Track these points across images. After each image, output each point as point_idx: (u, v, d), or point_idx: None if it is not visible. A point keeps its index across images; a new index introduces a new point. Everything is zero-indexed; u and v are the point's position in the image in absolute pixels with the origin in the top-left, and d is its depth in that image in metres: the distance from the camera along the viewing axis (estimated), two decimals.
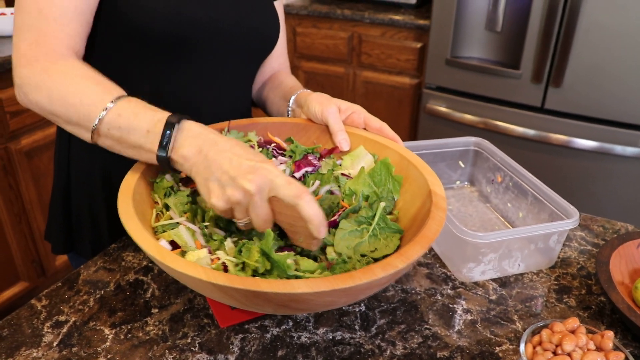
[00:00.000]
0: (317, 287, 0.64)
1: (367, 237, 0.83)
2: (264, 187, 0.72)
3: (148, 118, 0.79)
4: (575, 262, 0.99)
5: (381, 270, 0.67)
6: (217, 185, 0.73)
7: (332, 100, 1.01)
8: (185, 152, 0.77)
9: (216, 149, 0.75)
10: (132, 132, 0.80)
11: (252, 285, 0.64)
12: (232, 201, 0.73)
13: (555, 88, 2.38)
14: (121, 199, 0.78)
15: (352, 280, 0.65)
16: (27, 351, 0.76)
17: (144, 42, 0.95)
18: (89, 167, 1.07)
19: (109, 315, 0.83)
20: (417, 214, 0.85)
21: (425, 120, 2.76)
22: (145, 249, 0.69)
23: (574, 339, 0.65)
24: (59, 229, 1.14)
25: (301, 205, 0.72)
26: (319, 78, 3.19)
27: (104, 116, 0.80)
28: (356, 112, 1.01)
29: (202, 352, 0.77)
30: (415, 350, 0.78)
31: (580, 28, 2.23)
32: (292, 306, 0.69)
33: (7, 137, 2.10)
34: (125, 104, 0.81)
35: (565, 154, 2.47)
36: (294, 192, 0.72)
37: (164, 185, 0.87)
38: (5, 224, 2.19)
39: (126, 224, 0.73)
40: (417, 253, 0.70)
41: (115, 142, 0.82)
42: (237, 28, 1.03)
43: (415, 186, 0.90)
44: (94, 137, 0.83)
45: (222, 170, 0.73)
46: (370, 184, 0.93)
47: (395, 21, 2.83)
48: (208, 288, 0.68)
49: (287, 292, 0.64)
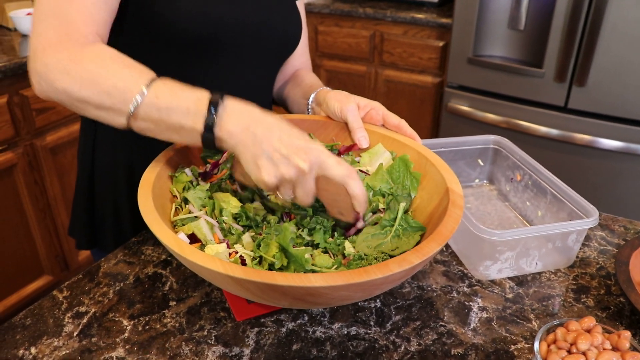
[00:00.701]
0: (332, 281, 0.65)
1: (389, 238, 0.84)
2: (315, 164, 0.74)
3: (188, 97, 0.78)
4: (595, 262, 0.98)
5: (396, 266, 0.67)
6: (269, 162, 0.74)
7: (350, 97, 1.01)
8: (232, 129, 0.76)
9: (264, 126, 0.76)
10: (172, 112, 0.78)
11: (268, 278, 0.65)
12: (284, 178, 0.74)
13: (579, 87, 2.35)
14: (141, 192, 0.79)
15: (368, 275, 0.66)
16: (49, 340, 0.78)
17: (170, 39, 0.96)
18: (112, 163, 1.08)
19: (127, 307, 0.84)
20: (434, 211, 0.86)
21: (447, 119, 2.75)
22: (164, 242, 0.70)
23: (589, 338, 0.65)
24: (82, 224, 1.16)
25: (350, 184, 0.76)
26: (341, 77, 3.19)
27: (140, 98, 0.78)
28: (375, 109, 1.01)
29: (218, 344, 0.78)
30: (430, 346, 0.78)
31: (606, 25, 2.20)
32: (308, 300, 0.70)
33: (33, 134, 2.14)
34: (160, 84, 0.79)
35: (590, 154, 2.44)
36: (345, 171, 0.76)
37: (183, 179, 0.88)
38: (30, 219, 2.23)
39: (146, 217, 0.74)
40: (433, 249, 0.71)
41: (153, 124, 0.80)
42: (262, 27, 1.04)
43: (433, 184, 0.90)
44: (130, 121, 0.80)
45: (274, 148, 0.74)
46: (388, 180, 0.93)
47: (418, 19, 2.82)
48: (225, 281, 0.69)
49: (303, 285, 0.64)
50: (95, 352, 0.76)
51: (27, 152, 2.14)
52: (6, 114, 2.01)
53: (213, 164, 0.94)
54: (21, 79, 2.05)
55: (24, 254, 2.25)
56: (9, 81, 2.02)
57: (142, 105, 0.78)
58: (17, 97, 2.05)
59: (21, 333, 0.79)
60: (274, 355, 0.76)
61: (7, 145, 2.06)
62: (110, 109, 0.81)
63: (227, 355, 0.76)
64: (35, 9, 0.86)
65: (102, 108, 0.81)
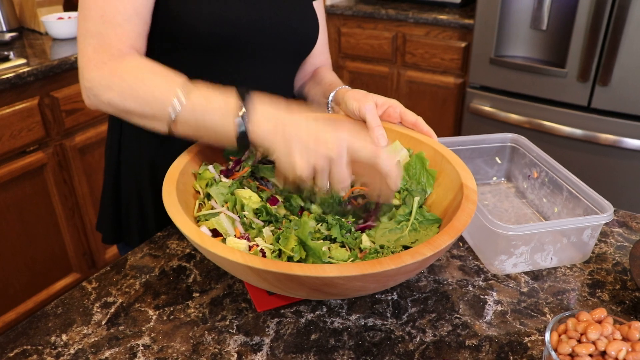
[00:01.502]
0: (347, 271, 0.67)
1: (407, 232, 0.87)
2: (343, 149, 0.78)
3: (219, 99, 0.84)
4: (611, 258, 0.99)
5: (409, 258, 0.70)
6: (299, 155, 0.78)
7: (368, 95, 1.04)
8: (262, 133, 0.81)
9: (292, 125, 0.80)
10: (208, 116, 0.84)
11: (285, 268, 0.68)
12: (316, 166, 0.79)
13: (603, 86, 2.34)
14: (165, 188, 0.83)
15: (381, 266, 0.68)
16: (79, 328, 0.82)
17: (192, 42, 1.00)
18: (137, 159, 1.13)
19: (153, 298, 0.88)
20: (449, 206, 0.88)
21: (470, 119, 2.75)
22: (187, 234, 0.74)
23: (599, 328, 0.66)
24: (109, 219, 1.20)
25: (379, 163, 0.80)
26: (364, 78, 3.21)
27: (179, 107, 0.84)
28: (392, 107, 1.03)
29: (239, 333, 0.81)
30: (445, 337, 0.80)
31: (630, 23, 2.19)
32: (324, 290, 0.72)
33: (63, 135, 2.21)
34: (195, 90, 0.85)
35: (614, 154, 2.43)
36: (372, 152, 0.80)
37: (207, 176, 0.92)
38: (60, 217, 2.30)
39: (170, 211, 0.78)
40: (445, 242, 0.73)
41: (192, 129, 0.86)
42: (279, 28, 1.07)
43: (448, 180, 0.92)
44: (171, 127, 0.87)
45: (303, 143, 0.78)
46: (405, 176, 0.95)
47: (440, 20, 2.83)
48: (245, 271, 0.72)
49: (319, 275, 0.67)
50: (122, 339, 0.80)
51: (57, 152, 2.20)
52: (37, 115, 2.08)
53: (235, 162, 0.97)
54: (52, 82, 2.11)
55: (54, 251, 2.31)
56: (40, 83, 2.08)
57: (180, 112, 0.84)
58: (48, 99, 2.12)
59: (53, 321, 0.83)
60: (293, 345, 0.79)
61: (38, 145, 2.13)
62: (151, 117, 0.87)
63: (248, 344, 0.79)
64: (78, 28, 0.94)
65: (145, 117, 0.88)
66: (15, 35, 2.37)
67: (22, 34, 2.47)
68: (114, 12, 0.91)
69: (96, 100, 0.91)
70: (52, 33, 2.37)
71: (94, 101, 0.91)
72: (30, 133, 2.08)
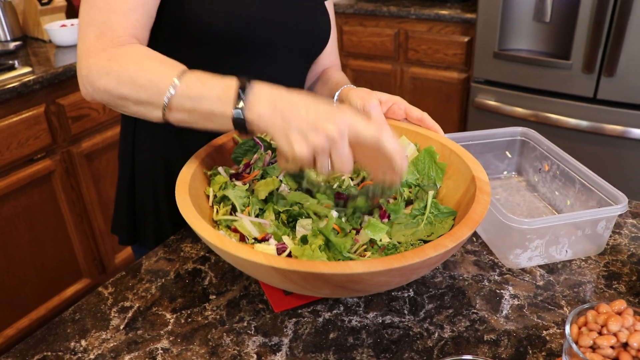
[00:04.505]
0: (372, 267, 0.68)
1: (422, 226, 0.87)
2: (344, 129, 0.74)
3: (217, 84, 0.81)
4: (626, 249, 0.99)
5: (432, 250, 0.70)
6: (299, 135, 0.75)
7: (372, 93, 1.04)
8: (261, 110, 0.78)
9: (291, 103, 0.77)
10: (204, 100, 0.81)
11: (311, 267, 0.68)
12: (315, 147, 0.74)
13: (608, 77, 2.33)
14: (179, 193, 0.82)
15: (405, 260, 0.69)
16: (97, 333, 0.82)
17: (205, 40, 1.00)
18: (151, 159, 1.13)
19: (170, 302, 0.88)
20: (462, 199, 0.88)
21: (475, 114, 2.75)
22: (207, 238, 0.73)
23: (620, 320, 0.66)
24: (124, 221, 1.21)
25: (383, 144, 0.75)
26: (367, 75, 3.21)
27: (173, 90, 0.82)
28: (397, 104, 1.04)
29: (257, 334, 0.81)
30: (463, 333, 0.80)
31: (635, 13, 2.18)
32: (349, 287, 0.72)
33: (69, 141, 2.21)
34: (191, 75, 0.83)
35: (621, 144, 2.42)
36: (375, 131, 0.75)
37: (220, 180, 0.92)
38: (68, 223, 2.31)
39: (186, 216, 0.78)
40: (466, 233, 0.74)
41: (188, 113, 0.83)
42: (292, 28, 1.07)
43: (458, 173, 0.92)
44: (165, 113, 0.84)
45: (301, 119, 0.75)
46: (414, 171, 0.96)
47: (442, 16, 2.83)
48: (269, 273, 0.71)
49: (345, 272, 0.67)
50: (141, 343, 0.80)
51: (64, 159, 2.21)
52: (44, 123, 2.09)
53: (245, 165, 0.97)
54: (57, 89, 2.12)
55: (63, 257, 2.32)
56: (46, 91, 2.09)
57: (175, 96, 0.82)
58: (54, 106, 2.12)
59: (71, 327, 0.84)
60: (312, 344, 0.79)
61: (46, 152, 2.14)
62: (146, 102, 0.85)
63: (266, 344, 0.79)
64: (79, 18, 0.93)
65: (140, 103, 0.86)
66: (20, 44, 2.37)
67: (25, 42, 2.48)
68: (120, 1, 0.90)
69: (91, 88, 0.88)
70: (55, 41, 2.38)
71: (89, 89, 0.89)
72: (38, 141, 2.09)
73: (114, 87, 0.86)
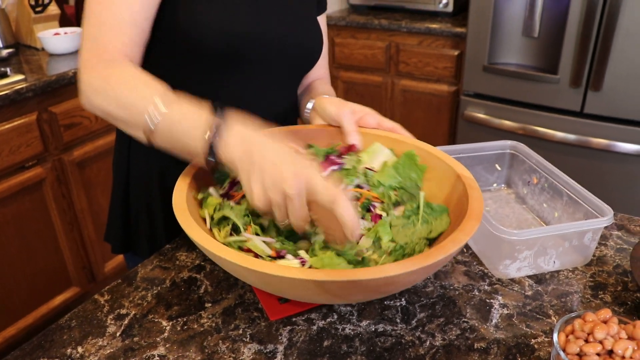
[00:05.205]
0: (407, 267, 0.71)
1: (420, 225, 0.91)
2: (302, 189, 0.76)
3: (194, 121, 0.83)
4: (612, 261, 1.01)
5: (452, 245, 0.76)
6: (260, 187, 0.77)
7: (346, 103, 1.07)
8: (231, 155, 0.80)
9: (260, 151, 0.79)
10: (182, 136, 0.84)
11: (350, 275, 0.70)
12: (272, 201, 0.77)
13: (595, 92, 2.38)
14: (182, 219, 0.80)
15: (433, 258, 0.73)
16: (94, 340, 0.83)
17: (198, 54, 1.02)
18: (146, 169, 1.14)
19: (165, 309, 0.89)
20: (449, 197, 0.93)
21: (464, 127, 2.79)
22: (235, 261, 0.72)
23: (605, 328, 0.68)
24: (118, 229, 1.22)
25: (337, 210, 0.76)
26: (358, 87, 3.24)
27: (153, 115, 0.84)
28: (369, 114, 1.07)
29: (253, 342, 0.82)
30: (454, 341, 0.82)
31: (620, 30, 2.23)
32: (382, 290, 0.77)
33: (61, 149, 2.22)
34: (173, 102, 0.85)
35: (607, 158, 2.46)
36: (331, 197, 0.76)
37: (213, 202, 0.91)
38: (58, 231, 2.30)
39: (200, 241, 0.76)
40: (475, 226, 0.80)
41: (167, 140, 0.86)
42: (284, 43, 1.09)
43: (439, 172, 0.97)
44: (149, 136, 0.87)
45: (265, 174, 0.77)
46: (395, 175, 0.99)
47: (432, 29, 2.87)
48: (305, 286, 0.72)
49: (382, 276, 0.70)
50: (138, 350, 0.81)
51: (56, 167, 2.22)
52: (36, 131, 2.09)
53: (231, 184, 0.96)
54: (49, 97, 2.13)
55: (53, 265, 2.32)
56: (38, 99, 2.10)
57: (156, 126, 0.85)
58: (46, 114, 2.13)
59: (67, 334, 0.85)
60: (307, 351, 0.81)
61: (37, 160, 2.14)
62: (131, 124, 0.89)
63: (262, 352, 0.81)
64: (81, 34, 0.96)
65: (125, 123, 0.90)
66: (12, 52, 2.38)
67: (18, 49, 2.48)
68: (109, 16, 0.93)
69: (88, 103, 0.93)
70: (48, 49, 2.39)
71: (87, 105, 0.93)
72: (29, 148, 2.09)
73: (104, 106, 0.90)
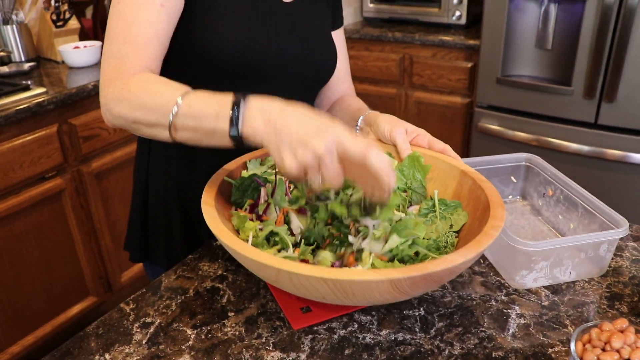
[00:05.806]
0: (467, 255, 0.76)
1: (439, 221, 0.95)
2: (332, 146, 0.76)
3: (215, 103, 0.84)
4: (627, 271, 1.02)
5: (494, 232, 0.82)
6: (289, 150, 0.77)
7: (400, 122, 1.10)
8: (255, 125, 0.80)
9: (283, 116, 0.79)
10: (204, 118, 0.85)
11: (421, 269, 0.73)
12: (304, 163, 0.76)
13: (609, 103, 2.38)
14: (225, 237, 0.81)
15: (481, 245, 0.79)
16: (120, 347, 0.86)
17: (215, 71, 1.05)
18: (165, 180, 1.17)
19: (190, 318, 0.92)
20: (458, 192, 0.99)
21: (478, 138, 2.80)
22: (300, 272, 0.73)
23: (622, 337, 0.70)
24: (136, 239, 1.25)
25: (369, 160, 0.76)
26: (372, 99, 3.27)
27: (176, 110, 0.86)
28: (421, 135, 1.10)
29: (275, 350, 0.84)
30: (472, 350, 0.84)
31: (634, 41, 2.24)
32: (444, 279, 0.81)
33: (80, 161, 2.26)
34: (193, 96, 0.87)
35: (622, 169, 2.46)
36: (362, 149, 0.76)
37: (251, 226, 0.92)
38: (77, 241, 2.34)
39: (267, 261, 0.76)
40: (502, 215, 0.86)
41: (192, 132, 0.87)
42: (299, 61, 1.12)
43: (441, 172, 1.03)
44: (172, 132, 0.88)
45: (292, 134, 0.77)
46: (401, 177, 1.04)
47: (446, 42, 2.89)
48: (381, 287, 0.73)
49: (449, 266, 0.74)
50: (164, 358, 0.84)
51: (74, 178, 2.25)
52: (56, 142, 2.13)
53: (251, 206, 0.98)
54: (69, 109, 2.17)
55: (70, 275, 2.35)
56: (59, 111, 2.14)
57: (178, 116, 0.86)
58: (66, 126, 2.17)
59: (95, 341, 0.87)
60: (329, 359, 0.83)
61: (57, 171, 2.18)
62: (156, 124, 0.90)
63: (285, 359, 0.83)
64: (103, 51, 1.00)
65: (150, 125, 0.92)
66: (34, 65, 2.43)
67: (39, 63, 2.54)
68: (136, 34, 0.97)
69: (109, 115, 0.96)
70: (68, 62, 2.44)
71: (108, 117, 0.96)
72: (49, 160, 2.13)
73: (127, 112, 0.92)
